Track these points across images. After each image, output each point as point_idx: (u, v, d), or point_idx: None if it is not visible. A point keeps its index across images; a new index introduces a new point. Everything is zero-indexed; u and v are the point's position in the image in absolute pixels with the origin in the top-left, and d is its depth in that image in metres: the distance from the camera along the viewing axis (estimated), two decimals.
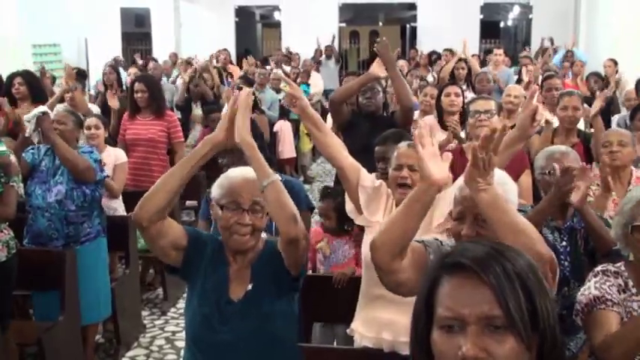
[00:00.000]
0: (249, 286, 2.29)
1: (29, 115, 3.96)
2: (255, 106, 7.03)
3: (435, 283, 1.19)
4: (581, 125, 4.68)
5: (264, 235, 2.39)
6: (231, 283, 2.31)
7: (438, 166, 1.78)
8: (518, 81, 7.26)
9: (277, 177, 2.21)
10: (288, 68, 11.90)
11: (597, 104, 4.59)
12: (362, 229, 3.41)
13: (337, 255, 3.78)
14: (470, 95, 5.84)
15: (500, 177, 2.03)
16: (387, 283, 1.92)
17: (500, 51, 9.34)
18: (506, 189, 2.02)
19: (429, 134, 1.83)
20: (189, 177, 2.26)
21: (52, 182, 3.98)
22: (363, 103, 4.63)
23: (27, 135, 4.04)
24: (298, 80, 10.56)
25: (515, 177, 3.58)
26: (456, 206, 2.06)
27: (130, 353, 4.48)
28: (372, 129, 4.37)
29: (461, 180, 2.05)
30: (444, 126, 4.79)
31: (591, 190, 3.52)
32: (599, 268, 2.24)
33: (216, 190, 2.32)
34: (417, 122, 4.32)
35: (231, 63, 12.50)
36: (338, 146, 2.80)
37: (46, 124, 3.92)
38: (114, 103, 6.21)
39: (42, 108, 4.01)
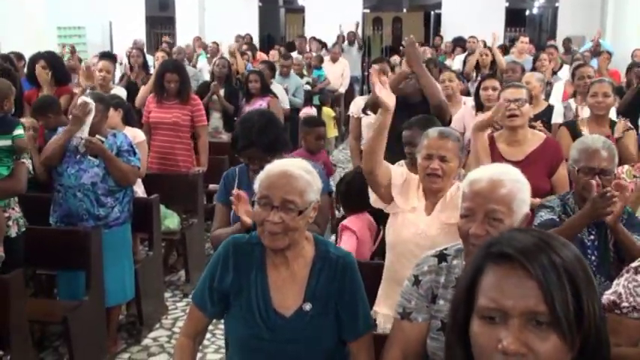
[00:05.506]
0: (306, 306, 2.09)
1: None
2: (269, 91, 6.95)
3: (478, 272, 1.15)
4: (612, 115, 4.57)
5: (308, 234, 2.18)
6: (274, 292, 2.11)
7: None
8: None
9: None
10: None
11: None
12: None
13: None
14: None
15: (513, 174, 1.96)
16: None
17: (526, 39, 9.20)
18: (519, 187, 1.93)
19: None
20: None
21: (86, 163, 3.96)
22: (400, 87, 4.32)
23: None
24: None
25: (551, 169, 3.57)
26: (464, 202, 1.95)
27: (153, 334, 4.52)
28: (406, 117, 4.27)
29: (471, 175, 1.97)
30: None
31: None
32: (635, 263, 2.15)
33: (255, 183, 2.13)
34: None
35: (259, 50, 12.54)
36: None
37: (95, 149, 3.93)
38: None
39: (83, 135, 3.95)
